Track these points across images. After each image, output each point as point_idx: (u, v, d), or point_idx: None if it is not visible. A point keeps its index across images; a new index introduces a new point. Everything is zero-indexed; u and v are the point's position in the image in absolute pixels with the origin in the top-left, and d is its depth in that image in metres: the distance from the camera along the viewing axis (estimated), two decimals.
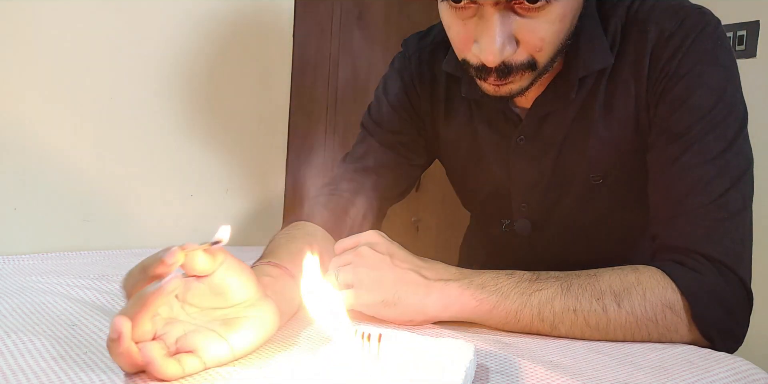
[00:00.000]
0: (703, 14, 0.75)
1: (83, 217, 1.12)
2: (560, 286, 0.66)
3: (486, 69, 0.70)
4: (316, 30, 1.54)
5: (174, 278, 0.48)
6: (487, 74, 0.71)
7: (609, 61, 0.77)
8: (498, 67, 0.69)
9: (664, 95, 0.74)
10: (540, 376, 0.54)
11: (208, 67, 1.25)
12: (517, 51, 0.69)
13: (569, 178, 0.83)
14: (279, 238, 0.79)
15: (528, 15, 0.67)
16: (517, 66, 0.70)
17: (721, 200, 0.68)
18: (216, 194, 1.29)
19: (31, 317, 0.65)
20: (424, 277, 0.68)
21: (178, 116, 1.22)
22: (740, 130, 0.71)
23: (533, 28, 0.68)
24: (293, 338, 0.62)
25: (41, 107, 1.06)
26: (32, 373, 0.49)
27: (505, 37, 0.67)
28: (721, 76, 0.72)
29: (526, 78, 0.72)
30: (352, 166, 0.94)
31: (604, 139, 0.79)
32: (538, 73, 0.72)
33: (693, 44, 0.73)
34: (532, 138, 0.83)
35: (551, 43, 0.70)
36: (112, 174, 1.15)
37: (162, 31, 1.18)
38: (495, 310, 0.66)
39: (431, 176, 0.93)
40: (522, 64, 0.70)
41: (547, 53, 0.71)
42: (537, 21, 0.68)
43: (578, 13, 0.73)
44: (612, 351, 0.63)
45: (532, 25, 0.68)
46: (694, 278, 0.66)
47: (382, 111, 0.95)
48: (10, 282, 0.83)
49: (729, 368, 0.60)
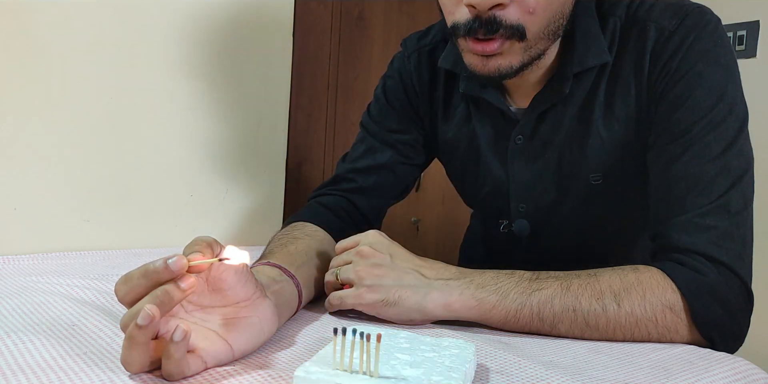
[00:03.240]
0: (703, 13, 0.74)
1: (83, 217, 1.12)
2: (560, 285, 0.66)
3: (474, 23, 0.69)
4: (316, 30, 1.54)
5: (193, 278, 0.48)
6: (475, 29, 0.69)
7: (604, 58, 0.76)
8: (487, 19, 0.68)
9: (665, 95, 0.74)
10: (540, 376, 0.54)
11: (208, 66, 1.25)
12: (508, 9, 0.68)
13: (568, 179, 0.83)
14: (278, 239, 0.79)
15: None
16: (505, 25, 0.69)
17: (721, 200, 0.68)
18: (216, 194, 1.29)
19: (31, 317, 0.65)
20: (424, 277, 0.68)
21: (178, 116, 1.22)
22: (741, 129, 0.71)
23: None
24: (293, 338, 0.62)
25: (41, 107, 1.06)
26: (32, 373, 0.49)
27: None
28: (721, 76, 0.72)
29: (513, 51, 0.71)
30: (352, 165, 0.94)
31: (604, 139, 0.79)
32: (525, 50, 0.71)
33: (693, 43, 0.72)
34: (531, 138, 0.83)
35: (544, 8, 0.69)
36: (112, 174, 1.15)
37: (162, 31, 1.18)
38: (495, 309, 0.66)
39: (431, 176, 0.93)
40: (510, 26, 0.69)
41: (537, 20, 0.70)
42: None
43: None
44: (612, 351, 0.63)
45: None
46: (694, 278, 0.66)
47: (381, 110, 0.96)
48: (10, 282, 0.83)
49: (729, 368, 0.60)
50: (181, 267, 0.47)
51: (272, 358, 0.55)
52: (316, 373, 0.45)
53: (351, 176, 0.94)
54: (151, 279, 0.47)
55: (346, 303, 0.68)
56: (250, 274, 0.54)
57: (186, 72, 1.22)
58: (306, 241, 0.79)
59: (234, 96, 1.29)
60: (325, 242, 0.82)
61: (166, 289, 0.47)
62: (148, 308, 0.45)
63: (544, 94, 0.80)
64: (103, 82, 1.12)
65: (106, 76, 1.13)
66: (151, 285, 0.48)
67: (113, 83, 1.14)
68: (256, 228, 1.35)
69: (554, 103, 0.80)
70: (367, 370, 0.45)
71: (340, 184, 0.94)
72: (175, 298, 0.47)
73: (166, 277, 0.47)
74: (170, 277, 0.47)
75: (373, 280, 0.67)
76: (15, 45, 1.03)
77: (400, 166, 0.94)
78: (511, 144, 0.85)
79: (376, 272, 0.68)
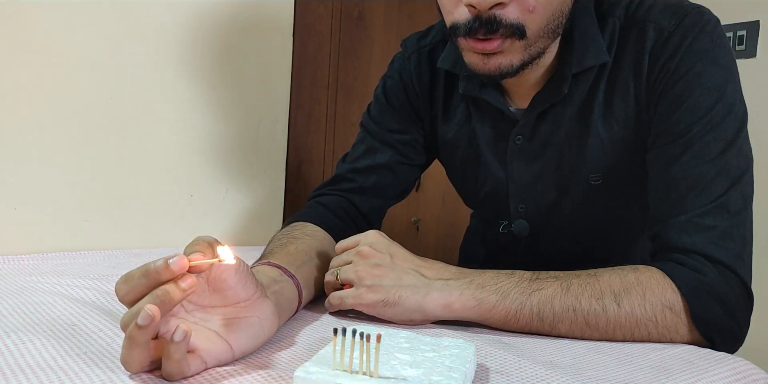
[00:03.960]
0: (701, 13, 0.74)
1: (83, 217, 1.12)
2: (560, 285, 0.66)
3: (474, 22, 0.69)
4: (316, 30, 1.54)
5: (193, 278, 0.48)
6: (475, 29, 0.69)
7: (603, 58, 0.76)
8: (487, 18, 0.68)
9: (664, 95, 0.74)
10: (540, 376, 0.54)
11: (208, 66, 1.25)
12: (508, 8, 0.68)
13: (568, 179, 0.83)
14: (278, 239, 0.79)
15: None
16: (505, 24, 0.69)
17: (720, 200, 0.68)
18: (216, 194, 1.29)
19: (31, 317, 0.65)
20: (424, 277, 0.68)
21: (179, 116, 1.22)
22: (740, 129, 0.71)
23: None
24: (293, 338, 0.62)
25: (41, 107, 1.06)
26: (32, 373, 0.49)
27: None
28: (720, 76, 0.72)
29: (514, 50, 0.71)
30: (352, 165, 0.94)
31: (604, 139, 0.79)
32: (525, 48, 0.71)
33: (692, 43, 0.72)
34: (530, 138, 0.83)
35: (544, 6, 0.70)
36: (112, 174, 1.15)
37: (162, 31, 1.18)
38: (495, 309, 0.66)
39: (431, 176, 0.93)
40: (510, 25, 0.69)
41: (537, 18, 0.70)
42: None
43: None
44: (612, 351, 0.63)
45: None
46: (694, 278, 0.66)
47: (381, 111, 0.96)
48: (10, 282, 0.83)
49: (729, 368, 0.60)
50: (181, 267, 0.47)
51: (272, 358, 0.55)
52: (316, 373, 0.45)
53: (351, 176, 0.94)
54: (151, 278, 0.47)
55: (346, 303, 0.69)
56: (250, 275, 0.54)
57: (186, 72, 1.22)
58: (306, 240, 0.79)
59: (234, 96, 1.29)
60: (325, 242, 0.82)
61: (166, 288, 0.47)
62: (149, 308, 0.45)
63: (544, 94, 0.80)
64: (103, 82, 1.12)
65: (107, 75, 1.13)
66: (152, 284, 0.48)
67: (113, 83, 1.14)
68: (256, 228, 1.35)
69: (553, 103, 0.80)
70: (367, 370, 0.45)
71: (340, 184, 0.94)
72: (175, 298, 0.47)
73: (166, 277, 0.47)
74: (171, 276, 0.47)
75: (373, 280, 0.67)
76: (15, 45, 1.03)
77: (400, 166, 0.94)
78: (510, 144, 0.85)
79: (376, 272, 0.68)
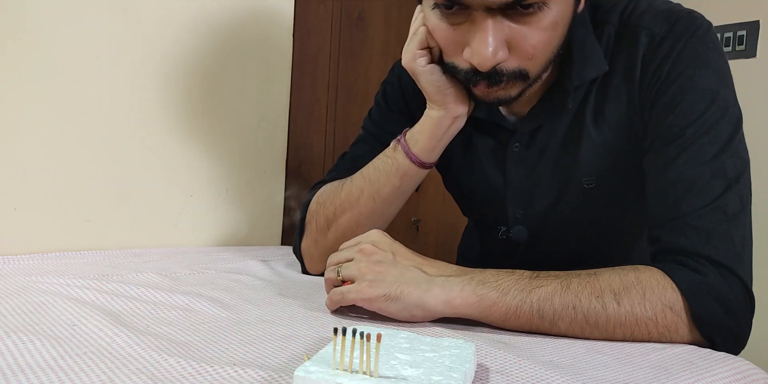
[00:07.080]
0: (693, 18, 0.75)
1: (83, 217, 1.12)
2: (560, 283, 0.66)
3: (477, 74, 0.71)
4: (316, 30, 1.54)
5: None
6: (477, 80, 0.72)
7: (603, 68, 0.77)
8: (490, 72, 0.70)
9: (657, 99, 0.74)
10: (540, 376, 0.54)
11: (208, 67, 1.25)
12: (508, 58, 0.69)
13: (563, 183, 0.83)
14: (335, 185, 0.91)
15: (520, 22, 0.68)
16: (508, 74, 0.70)
17: (718, 202, 0.68)
18: (216, 194, 1.29)
19: (31, 317, 0.65)
20: (425, 274, 0.68)
21: (179, 116, 1.22)
22: (735, 132, 0.71)
23: (525, 34, 0.68)
24: (293, 338, 0.62)
25: (41, 107, 1.06)
26: (32, 373, 0.49)
27: (498, 42, 0.67)
28: (712, 79, 0.72)
29: (516, 87, 0.73)
30: (353, 162, 0.94)
31: (597, 144, 0.80)
32: (528, 83, 0.73)
33: (684, 48, 0.73)
34: (528, 145, 0.84)
35: (543, 51, 0.71)
36: (112, 174, 1.15)
37: (162, 31, 1.18)
38: (495, 306, 0.66)
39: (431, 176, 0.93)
40: (513, 73, 0.70)
41: (538, 62, 0.71)
42: (529, 28, 0.68)
43: (570, 21, 0.73)
44: (612, 351, 0.63)
45: (524, 32, 0.68)
46: (695, 279, 0.66)
47: (382, 114, 0.97)
48: (10, 282, 0.83)
49: (729, 368, 0.60)
50: None
51: (272, 358, 0.55)
52: (316, 372, 0.45)
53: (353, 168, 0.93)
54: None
55: (348, 298, 0.69)
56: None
57: (186, 72, 1.22)
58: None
59: (234, 96, 1.29)
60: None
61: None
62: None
63: (544, 106, 0.81)
64: (102, 82, 1.12)
65: (106, 75, 1.13)
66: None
67: (113, 83, 1.14)
68: (256, 228, 1.35)
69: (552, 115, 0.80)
70: (367, 370, 0.45)
71: (342, 174, 0.94)
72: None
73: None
74: None
75: (375, 276, 0.68)
76: (15, 45, 1.03)
77: None
78: (508, 152, 0.85)
79: (378, 269, 0.68)
